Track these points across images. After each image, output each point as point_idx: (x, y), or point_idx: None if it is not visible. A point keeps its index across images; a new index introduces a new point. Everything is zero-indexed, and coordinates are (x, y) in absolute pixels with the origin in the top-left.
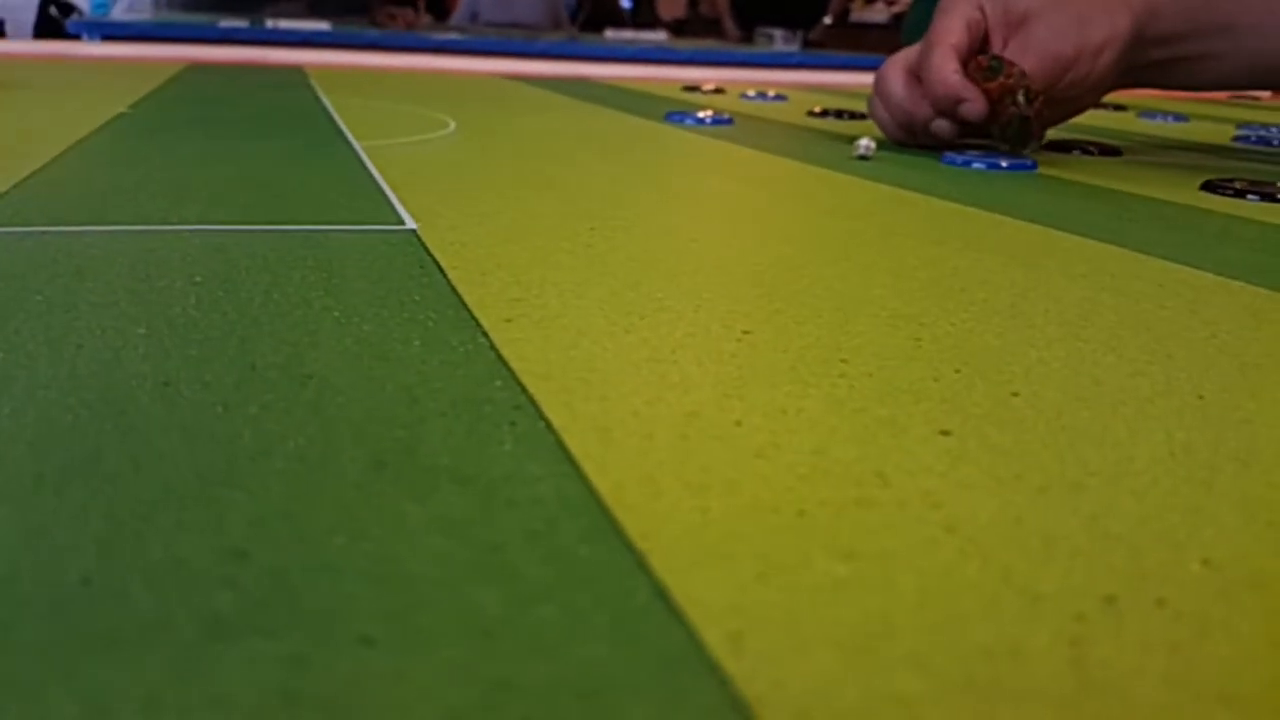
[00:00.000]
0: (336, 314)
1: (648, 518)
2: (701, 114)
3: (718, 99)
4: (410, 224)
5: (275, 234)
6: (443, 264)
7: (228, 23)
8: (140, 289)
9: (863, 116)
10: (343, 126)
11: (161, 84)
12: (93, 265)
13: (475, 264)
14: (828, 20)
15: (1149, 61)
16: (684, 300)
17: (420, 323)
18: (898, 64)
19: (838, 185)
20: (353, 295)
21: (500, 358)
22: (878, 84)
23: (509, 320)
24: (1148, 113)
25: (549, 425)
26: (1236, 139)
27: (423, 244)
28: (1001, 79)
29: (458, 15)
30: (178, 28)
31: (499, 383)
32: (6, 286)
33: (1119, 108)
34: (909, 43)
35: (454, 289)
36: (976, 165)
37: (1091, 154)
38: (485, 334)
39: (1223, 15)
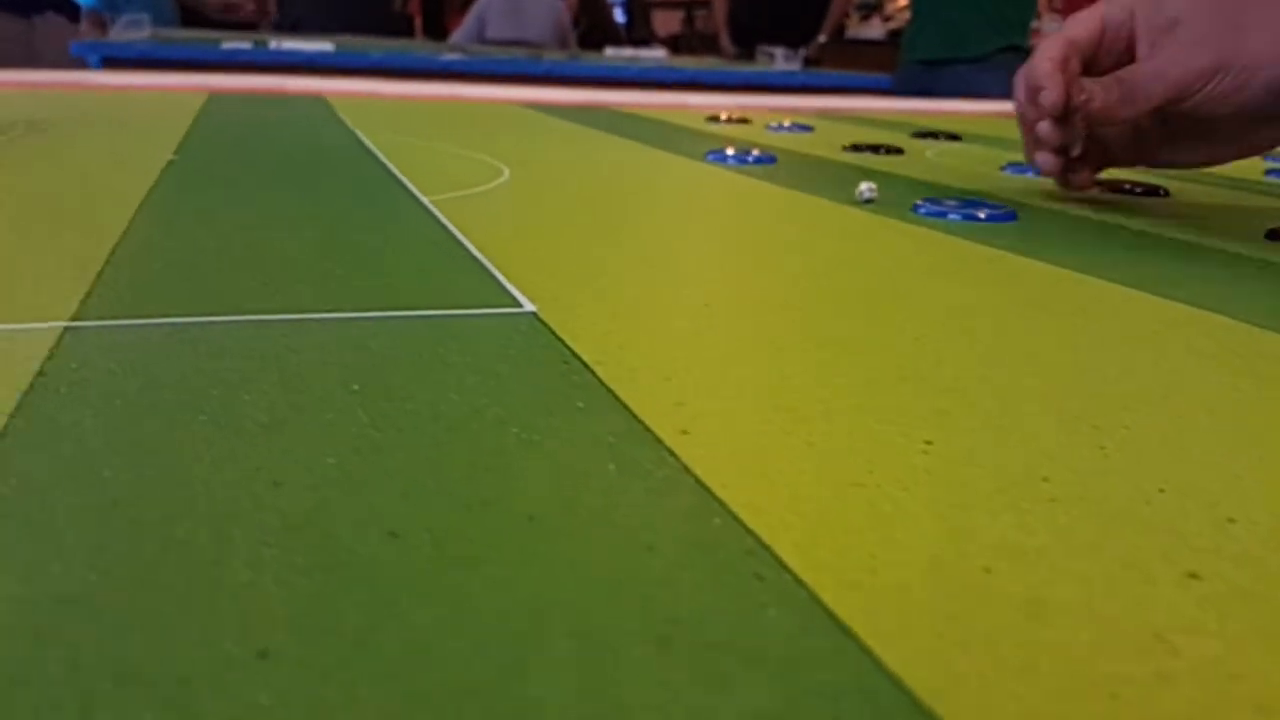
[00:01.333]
0: (515, 430)
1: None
2: (743, 153)
3: (744, 130)
4: (528, 305)
5: (401, 322)
6: (585, 357)
7: (231, 44)
8: (302, 402)
9: (897, 150)
10: (396, 172)
11: (192, 121)
12: (240, 368)
13: (616, 357)
14: (823, 38)
15: None
16: (843, 400)
17: (601, 440)
18: (1027, 65)
19: (920, 241)
20: (517, 404)
21: (702, 485)
22: (1016, 86)
23: (686, 433)
24: None
25: (797, 579)
26: (1269, 173)
27: (551, 331)
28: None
29: (463, 32)
30: (179, 49)
31: (718, 521)
32: (158, 398)
33: None
34: (908, 58)
35: (611, 391)
36: (952, 216)
37: (1135, 194)
38: (671, 452)
39: None
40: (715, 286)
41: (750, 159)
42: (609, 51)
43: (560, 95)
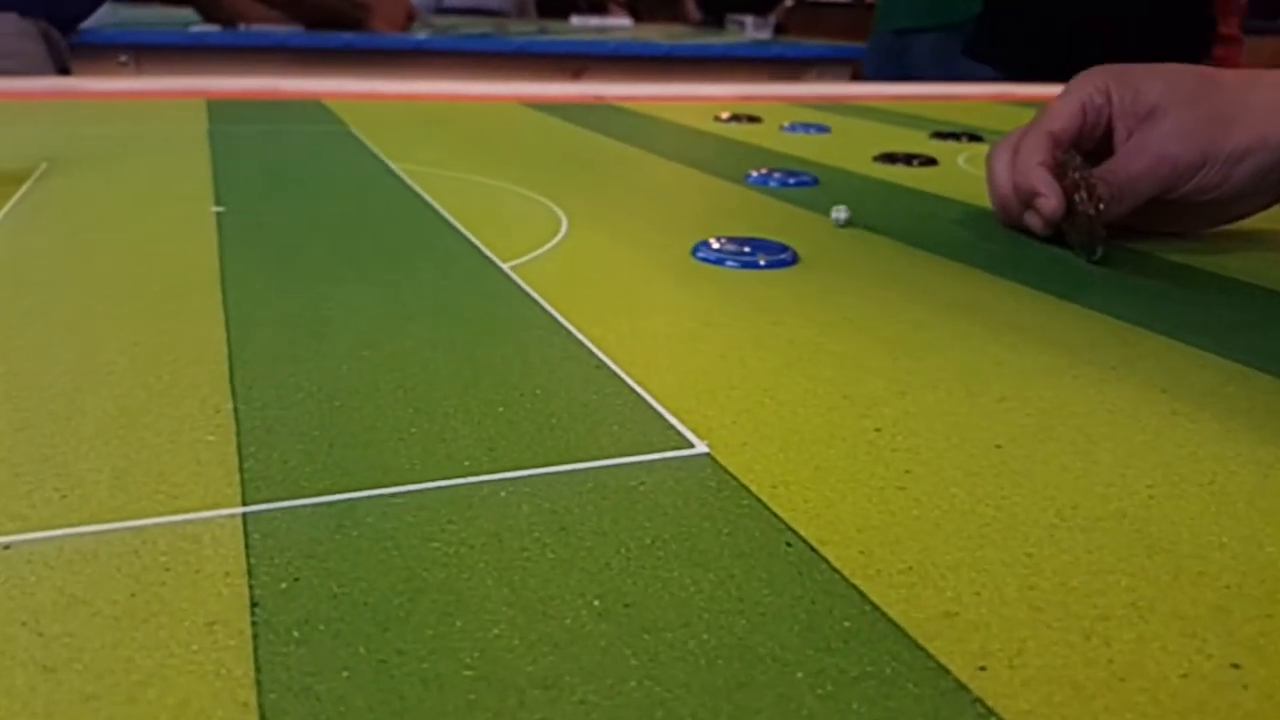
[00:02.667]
0: (764, 656)
1: None
2: (784, 174)
3: (757, 133)
4: (700, 446)
5: (571, 478)
6: (787, 519)
7: (199, 28)
8: (523, 598)
9: (930, 160)
10: (456, 224)
11: (210, 147)
12: (423, 559)
13: (818, 515)
14: (789, 2)
15: None
16: (1065, 556)
17: (859, 657)
18: (1006, 144)
19: (1033, 307)
20: (746, 600)
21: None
22: (987, 164)
23: (957, 639)
24: None
25: None
26: None
27: (741, 484)
28: (1068, 175)
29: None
30: (150, 34)
31: None
32: (378, 584)
33: None
34: (882, 27)
35: (834, 568)
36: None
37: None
38: (953, 677)
39: None
40: (867, 397)
41: (792, 182)
42: (575, 21)
43: (556, 90)
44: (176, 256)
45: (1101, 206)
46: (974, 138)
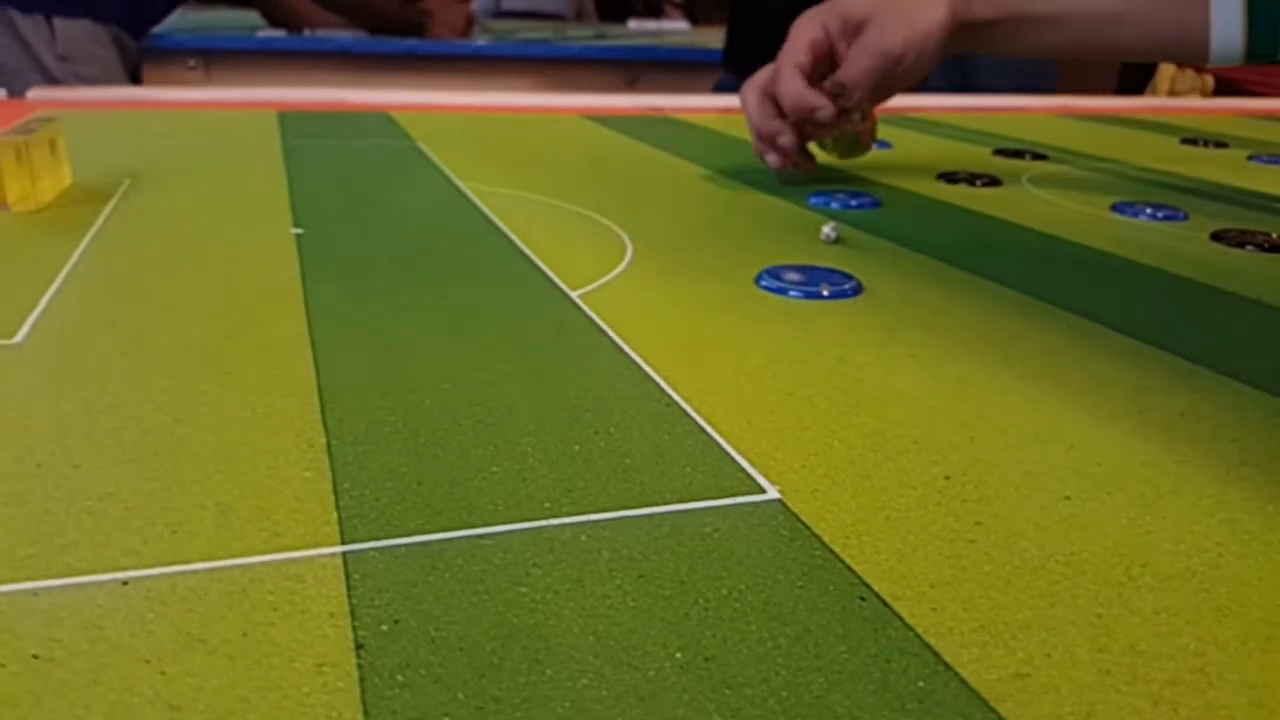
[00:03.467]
0: (843, 715)
1: None
2: (844, 196)
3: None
4: (771, 491)
5: (648, 522)
6: (860, 572)
7: (265, 33)
8: (615, 655)
9: (994, 180)
10: (525, 249)
11: (284, 163)
12: (512, 603)
13: (890, 570)
14: None
15: (965, 39)
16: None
17: (933, 718)
18: (754, 85)
19: (1100, 344)
20: (823, 656)
21: None
22: (741, 101)
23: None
24: (1258, 156)
25: None
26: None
27: (813, 533)
28: (842, 102)
29: (480, 2)
30: (219, 39)
31: None
32: (479, 626)
33: (1220, 144)
34: None
35: (908, 625)
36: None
37: (1265, 250)
38: None
39: (1024, 4)
40: (936, 444)
41: (854, 204)
42: (632, 25)
43: (614, 102)
44: (261, 281)
45: (870, 119)
46: (1038, 156)
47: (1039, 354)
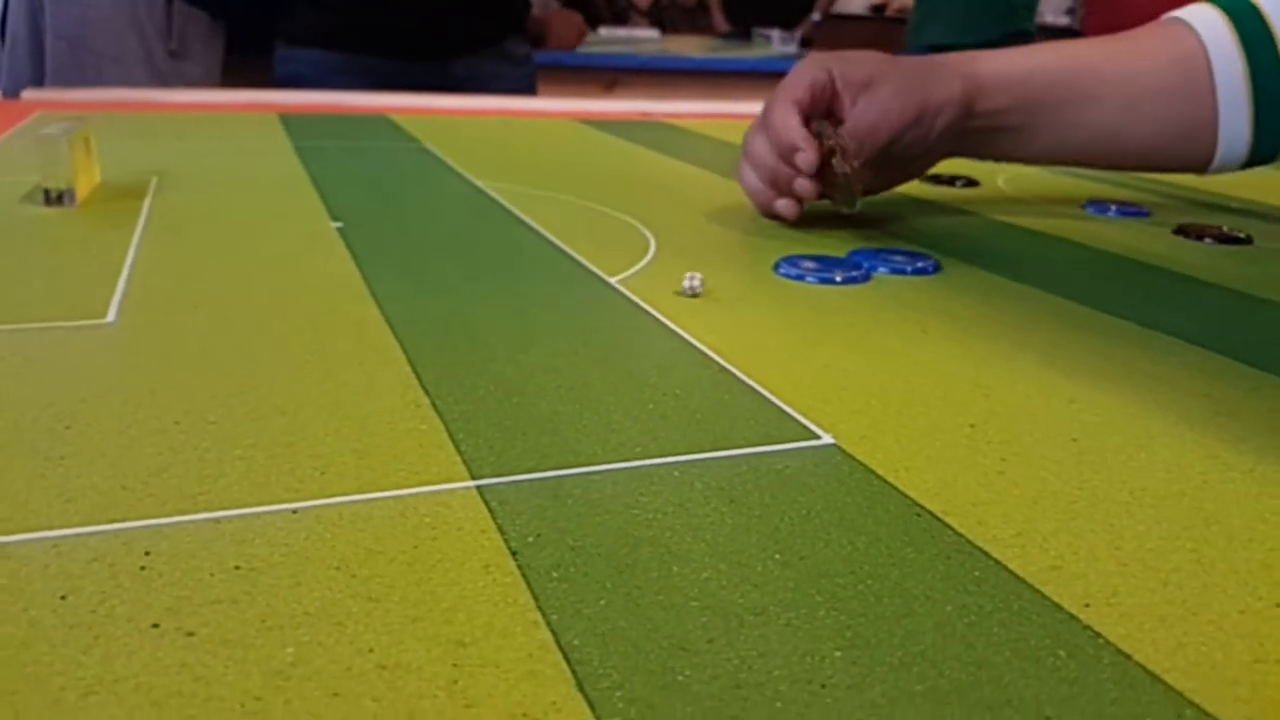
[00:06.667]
0: (919, 595)
1: None
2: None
3: None
4: (826, 438)
5: (727, 462)
6: (914, 496)
7: None
8: (726, 555)
9: (973, 182)
10: (554, 239)
11: (302, 164)
12: (631, 521)
13: (937, 494)
14: (816, 16)
15: (975, 129)
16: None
17: (990, 597)
18: (758, 127)
19: (1085, 323)
20: (895, 555)
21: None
22: (744, 149)
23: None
24: None
25: None
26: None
27: (868, 468)
28: (824, 142)
29: None
30: None
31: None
32: (602, 544)
33: None
34: (914, 43)
35: (959, 533)
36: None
37: (1220, 242)
38: (1066, 611)
39: (1038, 94)
40: (958, 395)
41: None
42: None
43: (604, 107)
44: (319, 270)
45: (856, 164)
46: None
47: (1034, 330)
